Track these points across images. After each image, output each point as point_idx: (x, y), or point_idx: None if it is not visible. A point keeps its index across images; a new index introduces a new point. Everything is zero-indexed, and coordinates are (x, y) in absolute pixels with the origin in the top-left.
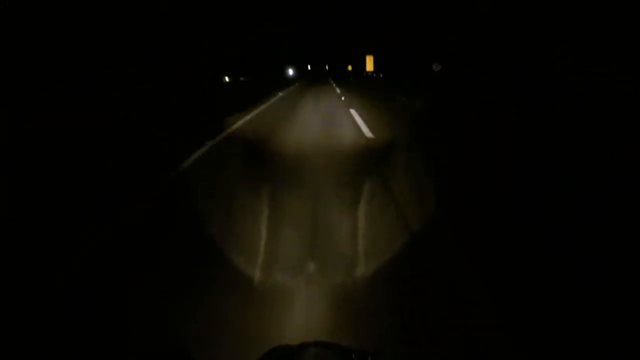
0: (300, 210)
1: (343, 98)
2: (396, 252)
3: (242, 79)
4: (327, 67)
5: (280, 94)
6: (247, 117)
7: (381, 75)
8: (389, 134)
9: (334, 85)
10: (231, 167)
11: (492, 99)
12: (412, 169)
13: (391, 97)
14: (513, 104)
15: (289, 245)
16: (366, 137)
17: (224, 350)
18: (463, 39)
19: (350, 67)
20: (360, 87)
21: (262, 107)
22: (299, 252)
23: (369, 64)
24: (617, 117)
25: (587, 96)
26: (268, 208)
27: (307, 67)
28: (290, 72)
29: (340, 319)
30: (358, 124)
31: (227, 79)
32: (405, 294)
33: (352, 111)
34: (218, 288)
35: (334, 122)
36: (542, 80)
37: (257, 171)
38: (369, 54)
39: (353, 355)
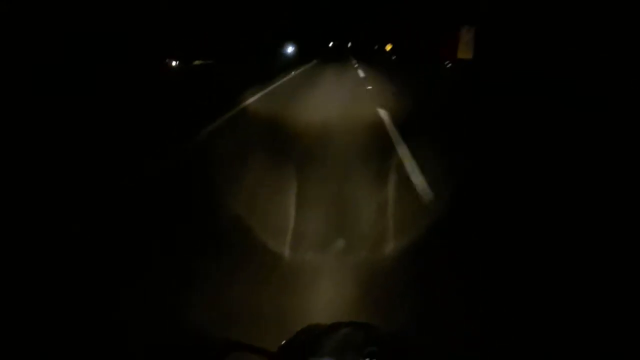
0: None
1: None
2: None
3: (197, 62)
4: (349, 45)
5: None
6: None
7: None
8: None
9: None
10: None
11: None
12: None
13: None
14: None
15: None
16: None
17: None
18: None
19: (389, 47)
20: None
21: None
22: None
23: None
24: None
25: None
26: None
27: (327, 45)
28: (290, 50)
29: None
30: None
31: (174, 63)
32: None
33: None
34: None
35: None
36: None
37: None
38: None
39: (383, 336)
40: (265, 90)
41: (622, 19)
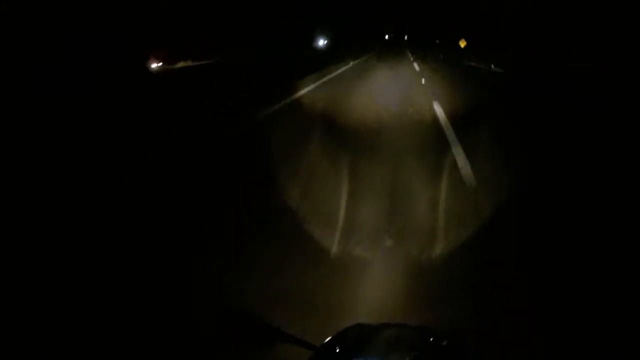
0: None
1: None
2: None
3: (184, 63)
4: (405, 38)
5: None
6: None
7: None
8: None
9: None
10: None
11: None
12: None
13: None
14: None
15: None
16: None
17: None
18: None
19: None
20: None
21: None
22: None
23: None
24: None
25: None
26: None
27: (384, 37)
28: (321, 43)
29: None
30: None
31: (155, 65)
32: None
33: None
34: None
35: None
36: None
37: None
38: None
39: (431, 338)
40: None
41: (621, 18)
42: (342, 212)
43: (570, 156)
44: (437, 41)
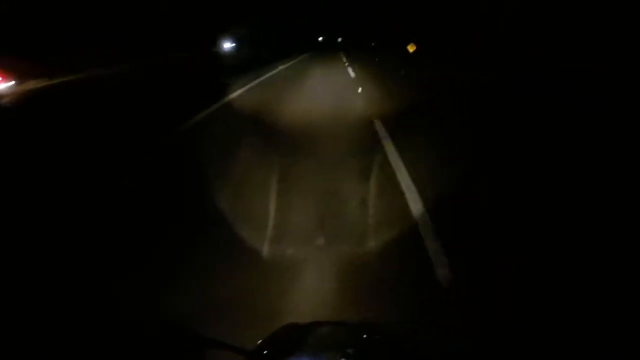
0: None
1: None
2: None
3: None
4: (339, 40)
5: None
6: None
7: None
8: None
9: None
10: None
11: None
12: None
13: None
14: None
15: None
16: None
17: None
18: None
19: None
20: None
21: None
22: None
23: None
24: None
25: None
26: None
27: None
28: (227, 46)
29: None
30: None
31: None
32: None
33: None
34: None
35: None
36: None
37: None
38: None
39: (363, 333)
40: None
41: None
42: (272, 215)
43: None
44: (373, 44)
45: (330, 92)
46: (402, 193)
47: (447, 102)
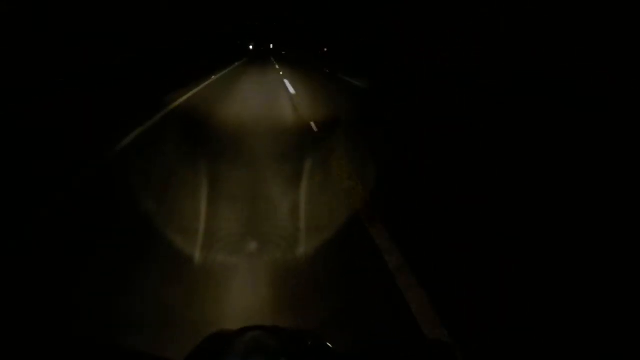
0: None
1: None
2: None
3: None
4: (271, 46)
5: None
6: None
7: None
8: None
9: None
10: None
11: None
12: None
13: None
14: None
15: None
16: None
17: None
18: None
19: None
20: None
21: None
22: None
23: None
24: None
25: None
26: None
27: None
28: None
29: None
30: None
31: None
32: None
33: None
34: None
35: None
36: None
37: None
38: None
39: (293, 338)
40: None
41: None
42: (203, 222)
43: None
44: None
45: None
46: None
47: None
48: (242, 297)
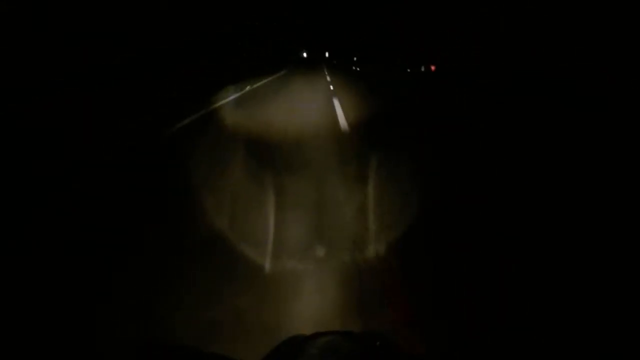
0: None
1: None
2: None
3: None
4: (327, 55)
5: None
6: None
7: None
8: None
9: None
10: None
11: None
12: None
13: None
14: None
15: None
16: None
17: None
18: None
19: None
20: None
21: None
22: None
23: None
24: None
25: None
26: None
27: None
28: None
29: None
30: None
31: None
32: None
33: None
34: None
35: None
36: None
37: None
38: None
39: (364, 341)
40: None
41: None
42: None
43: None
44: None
45: None
46: None
47: None
48: None
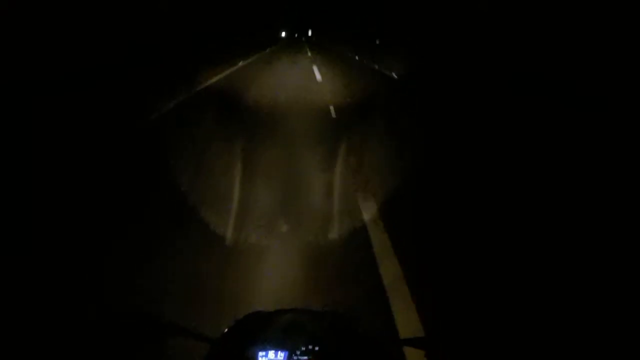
0: None
1: None
2: None
3: None
4: (310, 34)
5: None
6: None
7: None
8: None
9: None
10: None
11: None
12: None
13: None
14: None
15: None
16: None
17: None
18: None
19: None
20: None
21: None
22: None
23: None
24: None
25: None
26: None
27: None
28: None
29: None
30: None
31: None
32: None
33: None
34: None
35: None
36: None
37: None
38: None
39: (327, 319)
40: None
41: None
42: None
43: None
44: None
45: None
46: None
47: None
48: None
